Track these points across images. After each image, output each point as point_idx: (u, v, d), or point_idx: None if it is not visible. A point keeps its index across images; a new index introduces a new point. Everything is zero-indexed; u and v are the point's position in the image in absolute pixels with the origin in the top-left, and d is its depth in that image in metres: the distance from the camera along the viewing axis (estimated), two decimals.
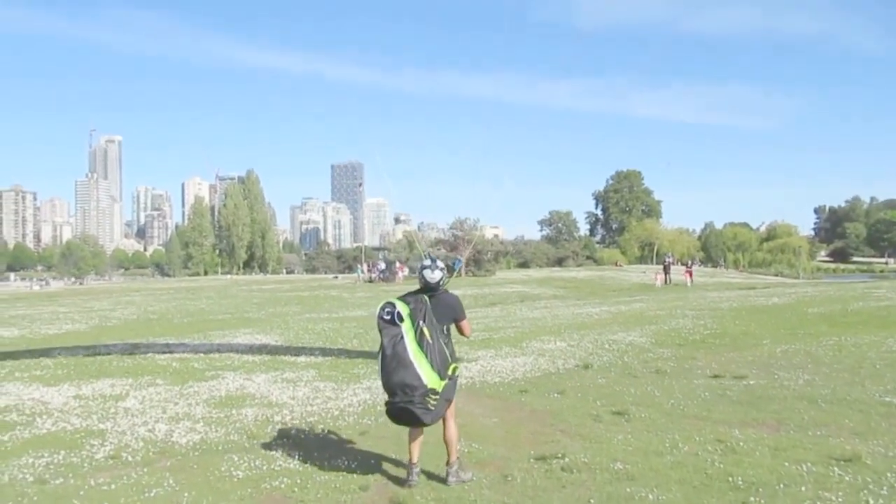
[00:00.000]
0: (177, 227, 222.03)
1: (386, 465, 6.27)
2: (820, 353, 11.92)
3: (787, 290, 25.78)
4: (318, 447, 6.82)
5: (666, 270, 44.08)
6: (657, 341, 14.11)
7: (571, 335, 15.33)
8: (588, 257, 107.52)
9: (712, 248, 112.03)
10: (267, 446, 6.88)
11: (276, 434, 7.36)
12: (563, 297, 34.97)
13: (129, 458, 6.55)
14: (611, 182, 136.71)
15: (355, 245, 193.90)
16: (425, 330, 5.40)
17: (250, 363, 12.66)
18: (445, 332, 5.66)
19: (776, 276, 72.62)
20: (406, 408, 5.39)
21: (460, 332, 5.95)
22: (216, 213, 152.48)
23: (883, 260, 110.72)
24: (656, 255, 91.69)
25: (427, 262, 5.84)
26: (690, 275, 43.65)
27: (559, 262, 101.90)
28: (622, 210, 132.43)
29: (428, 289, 5.75)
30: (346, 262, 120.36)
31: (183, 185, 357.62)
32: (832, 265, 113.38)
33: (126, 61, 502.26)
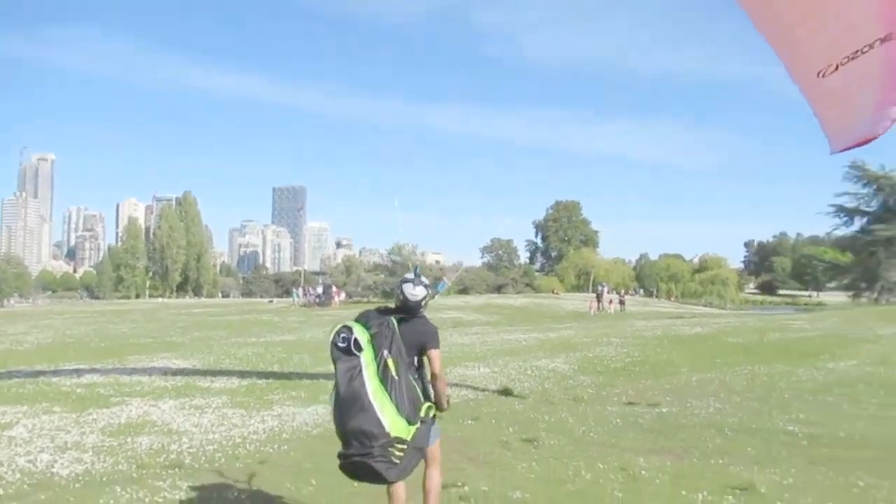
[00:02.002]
0: (109, 248, 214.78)
1: (280, 497, 6.00)
2: (733, 382, 12.16)
3: (712, 321, 26.45)
4: (210, 477, 6.49)
5: (599, 299, 44.82)
6: (580, 368, 14.17)
7: (496, 361, 15.26)
8: (527, 285, 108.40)
9: (646, 278, 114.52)
10: (156, 477, 6.50)
11: (168, 464, 6.98)
12: (497, 323, 34.95)
13: (0, 492, 6.10)
14: (550, 212, 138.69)
15: (295, 269, 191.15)
16: (390, 362, 4.26)
17: (161, 389, 12.11)
18: (417, 364, 4.62)
19: (705, 306, 74.55)
20: (364, 462, 4.20)
21: (431, 366, 4.69)
22: (151, 235, 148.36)
23: (807, 293, 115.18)
24: (592, 283, 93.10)
25: (409, 276, 4.73)
26: (623, 303, 44.53)
27: (499, 289, 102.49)
28: (561, 239, 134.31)
29: (405, 309, 4.65)
30: (284, 286, 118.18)
31: (118, 206, 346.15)
32: (759, 297, 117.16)
33: (64, 78, 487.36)
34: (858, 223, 45.86)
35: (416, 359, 4.58)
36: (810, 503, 5.55)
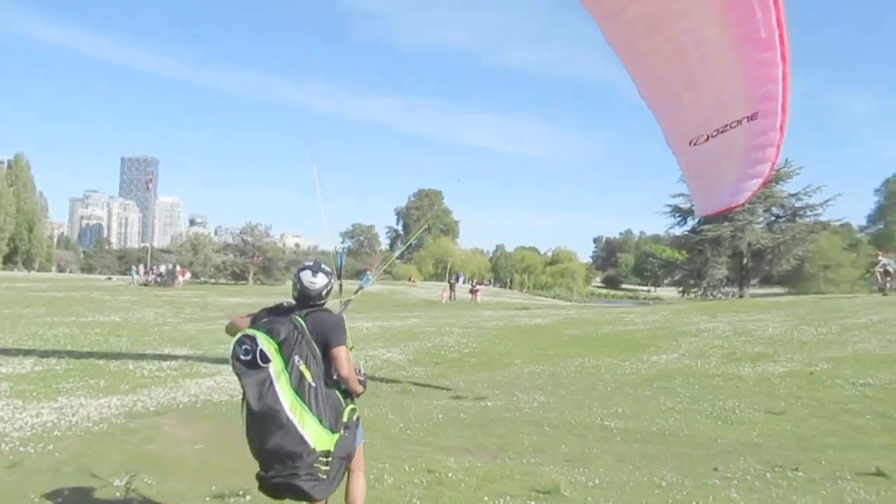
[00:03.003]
0: None
1: None
2: (563, 374, 12.20)
3: (554, 312, 27.09)
4: None
5: (452, 288, 45.11)
6: (415, 359, 13.78)
7: None
8: (386, 272, 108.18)
9: (502, 269, 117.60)
10: None
11: None
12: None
13: None
14: (413, 199, 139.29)
15: (142, 245, 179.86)
16: (304, 369, 3.80)
17: None
18: (330, 363, 4.06)
19: (553, 298, 77.50)
20: (289, 483, 3.82)
21: (336, 366, 4.06)
22: None
23: (646, 288, 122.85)
24: (449, 272, 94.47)
25: (308, 262, 4.24)
26: (476, 293, 45.07)
27: (357, 274, 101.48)
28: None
29: (303, 300, 4.12)
30: (129, 262, 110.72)
31: None
32: (604, 291, 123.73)
33: None
34: (691, 223, 48.76)
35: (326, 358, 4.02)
36: None
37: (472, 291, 45.16)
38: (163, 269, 55.24)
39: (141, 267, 59.29)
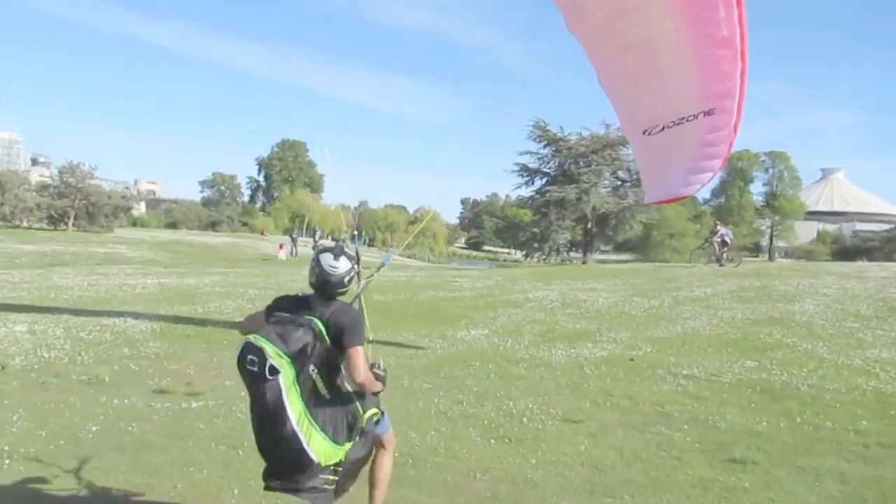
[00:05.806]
0: None
1: None
2: None
3: (387, 273, 24.63)
4: None
5: (294, 243, 42.29)
6: (162, 330, 10.68)
7: (61, 316, 11.24)
8: (244, 224, 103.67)
9: (364, 226, 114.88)
10: None
11: None
12: (162, 263, 30.34)
13: None
14: (276, 150, 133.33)
15: None
16: (318, 380, 3.31)
17: None
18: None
19: (410, 258, 75.79)
20: (292, 493, 3.44)
21: (350, 371, 3.48)
22: None
23: (507, 250, 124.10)
24: (306, 227, 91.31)
25: (330, 243, 2.59)
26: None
27: (213, 226, 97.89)
28: (284, 179, 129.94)
29: (322, 287, 3.59)
30: None
31: None
32: (467, 252, 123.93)
33: None
34: (538, 183, 45.60)
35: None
36: None
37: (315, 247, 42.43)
38: None
39: None
